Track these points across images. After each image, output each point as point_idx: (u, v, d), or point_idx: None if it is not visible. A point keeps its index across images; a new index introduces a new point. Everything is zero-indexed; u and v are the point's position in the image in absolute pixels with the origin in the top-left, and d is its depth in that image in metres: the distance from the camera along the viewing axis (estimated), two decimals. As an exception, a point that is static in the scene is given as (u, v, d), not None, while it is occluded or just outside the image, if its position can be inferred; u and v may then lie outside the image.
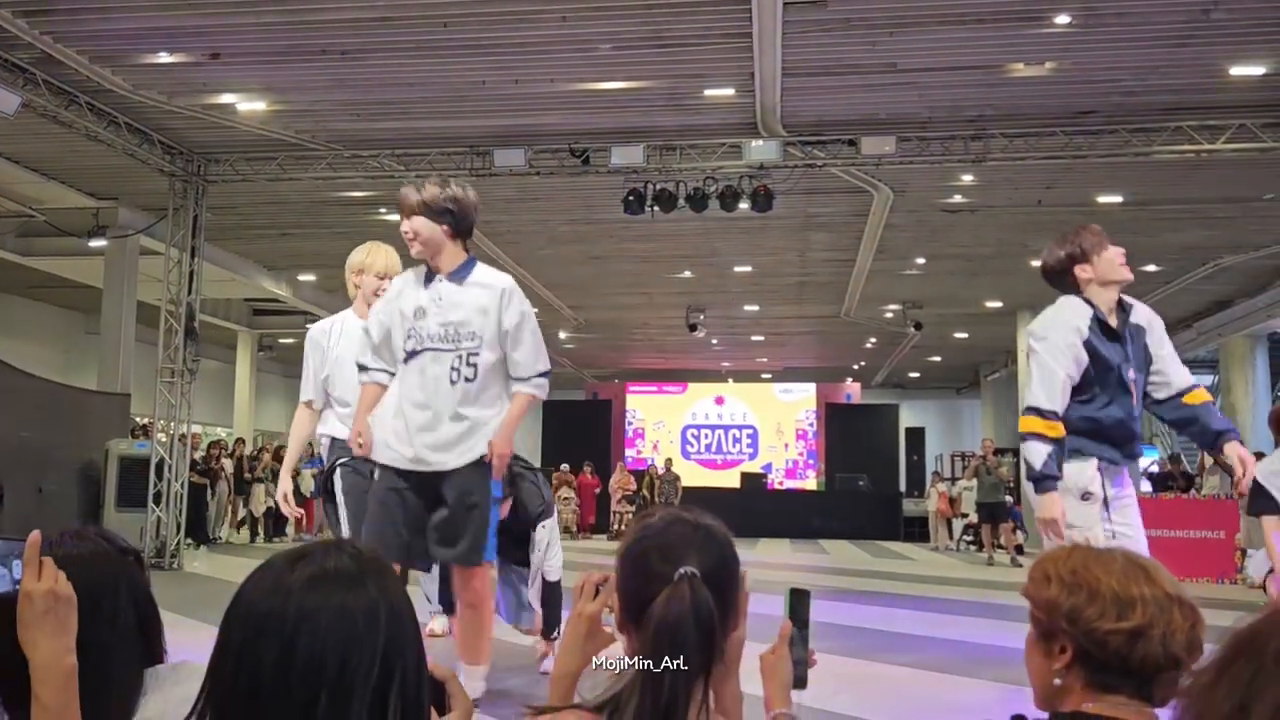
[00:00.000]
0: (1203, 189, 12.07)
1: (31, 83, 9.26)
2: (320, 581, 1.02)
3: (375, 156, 11.33)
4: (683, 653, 1.32)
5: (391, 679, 1.00)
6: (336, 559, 1.04)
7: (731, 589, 1.44)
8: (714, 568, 1.41)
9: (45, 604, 1.30)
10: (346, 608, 1.00)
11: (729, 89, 9.66)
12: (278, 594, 1.01)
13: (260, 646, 0.99)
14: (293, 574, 1.02)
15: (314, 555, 1.05)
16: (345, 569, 1.03)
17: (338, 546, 1.06)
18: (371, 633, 1.00)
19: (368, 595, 1.02)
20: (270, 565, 1.06)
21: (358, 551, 1.06)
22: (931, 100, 9.88)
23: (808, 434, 28.14)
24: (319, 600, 1.00)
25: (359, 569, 1.04)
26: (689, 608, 1.34)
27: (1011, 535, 15.49)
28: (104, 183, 12.69)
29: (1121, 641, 1.37)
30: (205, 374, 14.29)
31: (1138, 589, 1.40)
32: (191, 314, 12.20)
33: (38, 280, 16.60)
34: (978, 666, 5.71)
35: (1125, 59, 8.91)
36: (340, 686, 0.97)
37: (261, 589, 1.02)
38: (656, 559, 1.41)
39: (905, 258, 15.64)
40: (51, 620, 1.30)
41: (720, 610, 1.38)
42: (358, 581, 1.03)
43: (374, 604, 1.02)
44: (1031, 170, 11.36)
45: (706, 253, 15.60)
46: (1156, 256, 15.34)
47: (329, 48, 8.75)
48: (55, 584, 1.31)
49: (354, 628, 0.99)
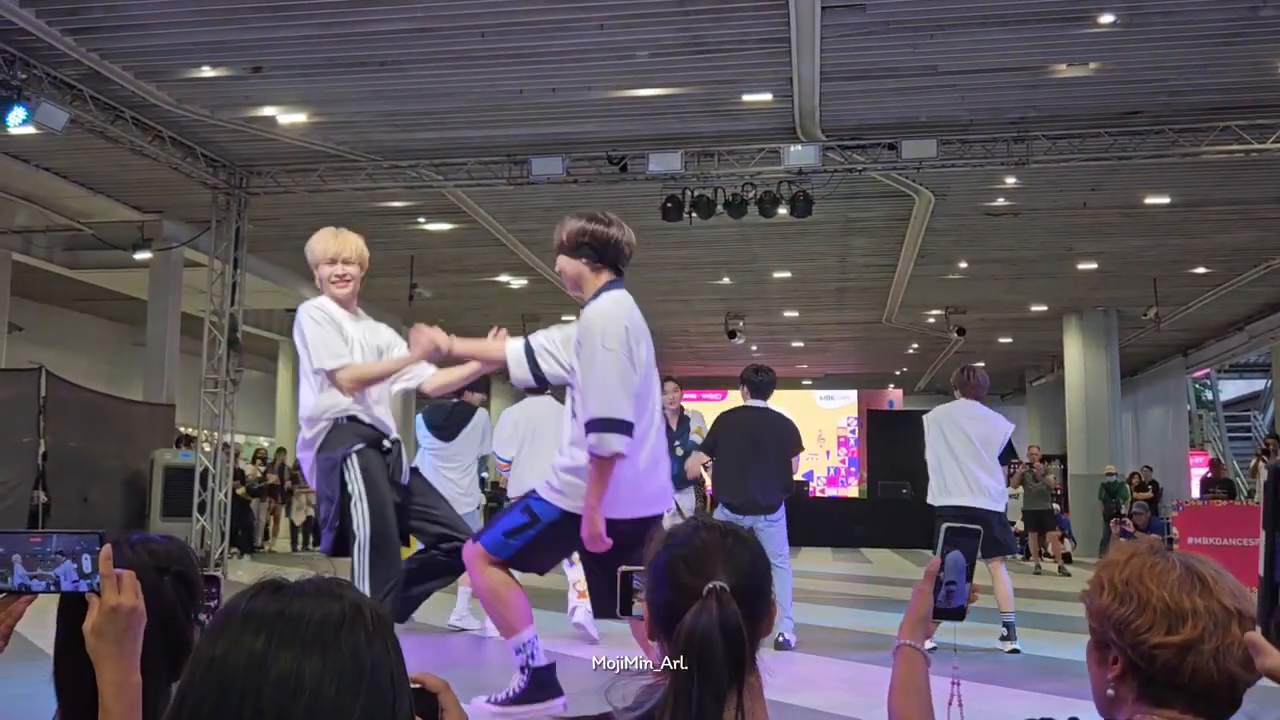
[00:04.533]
0: (1252, 189, 11.83)
1: (79, 99, 9.41)
2: (288, 646, 0.89)
3: (414, 166, 11.39)
4: (712, 667, 1.30)
5: None
6: (303, 604, 0.92)
7: (762, 599, 1.43)
8: (743, 578, 1.39)
9: (128, 620, 1.29)
10: (321, 687, 0.88)
11: (767, 94, 9.61)
12: (240, 659, 0.89)
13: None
14: (255, 637, 0.90)
15: (276, 606, 0.92)
16: (314, 621, 0.91)
17: (304, 592, 0.94)
18: (353, 705, 0.89)
19: (345, 656, 0.90)
20: (229, 622, 0.92)
21: (336, 593, 0.93)
22: (973, 102, 9.76)
23: (849, 441, 27.93)
24: (289, 677, 0.88)
25: (331, 617, 0.91)
26: (716, 623, 1.33)
27: (1059, 544, 15.24)
28: (149, 196, 12.88)
29: (1170, 655, 1.32)
30: (248, 384, 14.46)
31: (1190, 601, 1.34)
32: (234, 325, 12.34)
33: (85, 293, 16.89)
34: (1026, 678, 5.60)
35: (1172, 58, 8.74)
36: None
37: (223, 656, 0.90)
38: (684, 570, 1.39)
39: (947, 262, 15.47)
40: (130, 637, 1.29)
41: (750, 623, 1.36)
42: (333, 635, 0.90)
43: (353, 666, 0.90)
44: (1076, 172, 11.19)
45: (745, 259, 15.53)
46: (1206, 259, 15.06)
47: (368, 59, 8.82)
48: (137, 599, 1.30)
49: (329, 711, 0.88)
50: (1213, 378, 28.40)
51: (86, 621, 1.29)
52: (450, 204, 12.79)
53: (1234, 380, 30.66)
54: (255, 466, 16.73)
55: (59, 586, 1.32)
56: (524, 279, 16.95)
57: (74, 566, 1.31)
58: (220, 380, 12.32)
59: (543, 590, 7.53)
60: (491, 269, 16.42)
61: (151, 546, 1.52)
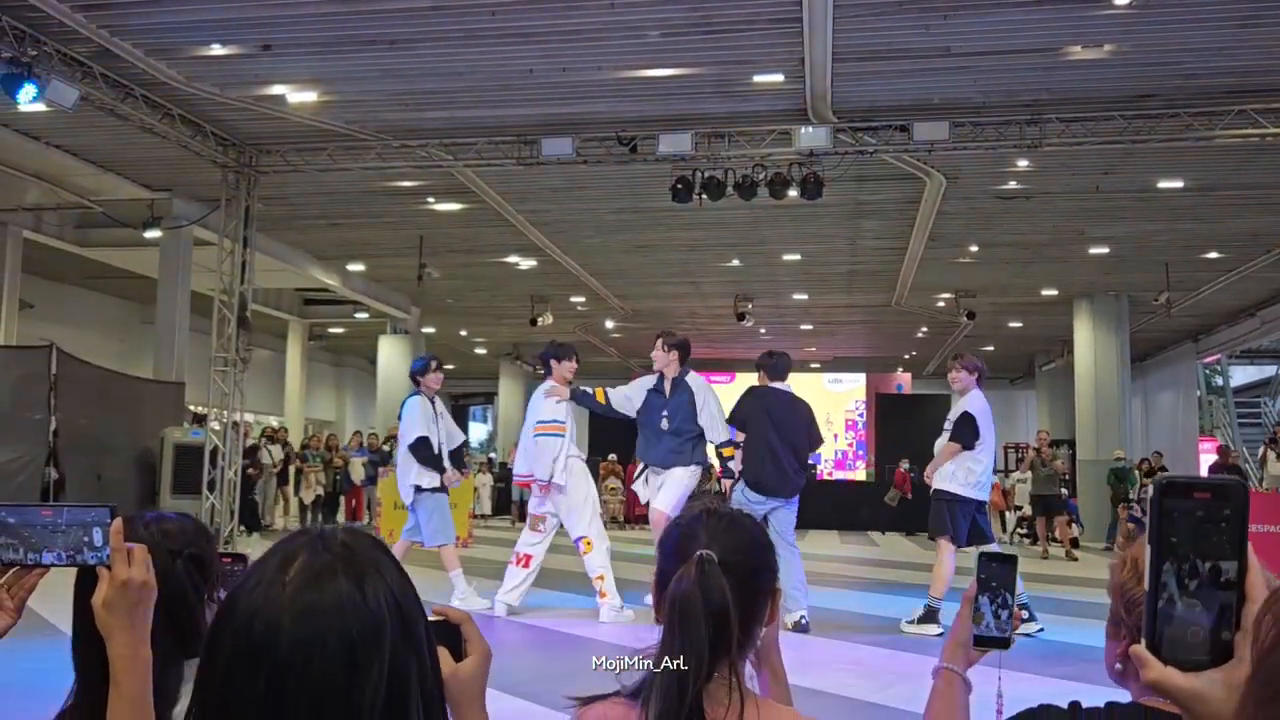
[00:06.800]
0: (1266, 173, 11.74)
1: (89, 76, 9.40)
2: (313, 588, 0.92)
3: (424, 146, 11.36)
4: (692, 627, 1.33)
5: (408, 679, 0.93)
6: (325, 557, 0.94)
7: (759, 579, 1.44)
8: (736, 554, 1.41)
9: (139, 595, 1.29)
10: (346, 623, 0.91)
11: (778, 75, 9.55)
12: (269, 610, 0.91)
13: (249, 673, 0.89)
14: (284, 584, 0.92)
15: (303, 556, 0.94)
16: (337, 568, 0.93)
17: (324, 543, 0.96)
18: (378, 644, 0.92)
19: (367, 599, 0.92)
20: (260, 572, 0.95)
21: (347, 547, 0.96)
22: (986, 84, 9.69)
23: (857, 425, 27.90)
24: (315, 620, 0.90)
25: (353, 565, 0.94)
26: (696, 584, 1.35)
27: (1067, 528, 15.22)
28: (159, 174, 12.88)
29: None
30: (257, 363, 14.50)
31: None
32: (244, 303, 12.35)
33: (95, 271, 16.92)
34: (1035, 662, 5.60)
35: (1187, 40, 8.66)
36: (348, 710, 0.89)
37: (252, 603, 0.92)
38: (680, 542, 1.44)
39: (958, 245, 15.41)
40: (141, 611, 1.29)
41: (743, 599, 1.38)
42: (355, 581, 0.93)
43: (376, 609, 0.93)
44: (1089, 155, 11.11)
45: (755, 241, 15.49)
46: (1218, 244, 14.97)
47: (378, 38, 8.78)
48: (148, 574, 1.30)
49: (353, 649, 0.90)
50: (1223, 363, 28.27)
51: (96, 595, 1.29)
52: (459, 184, 12.77)
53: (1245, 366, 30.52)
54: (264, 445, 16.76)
55: (70, 560, 1.32)
56: (533, 260, 16.93)
57: (85, 540, 1.31)
58: (230, 359, 12.35)
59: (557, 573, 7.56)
60: (501, 249, 16.40)
61: (165, 526, 1.51)
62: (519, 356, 27.64)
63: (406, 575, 0.99)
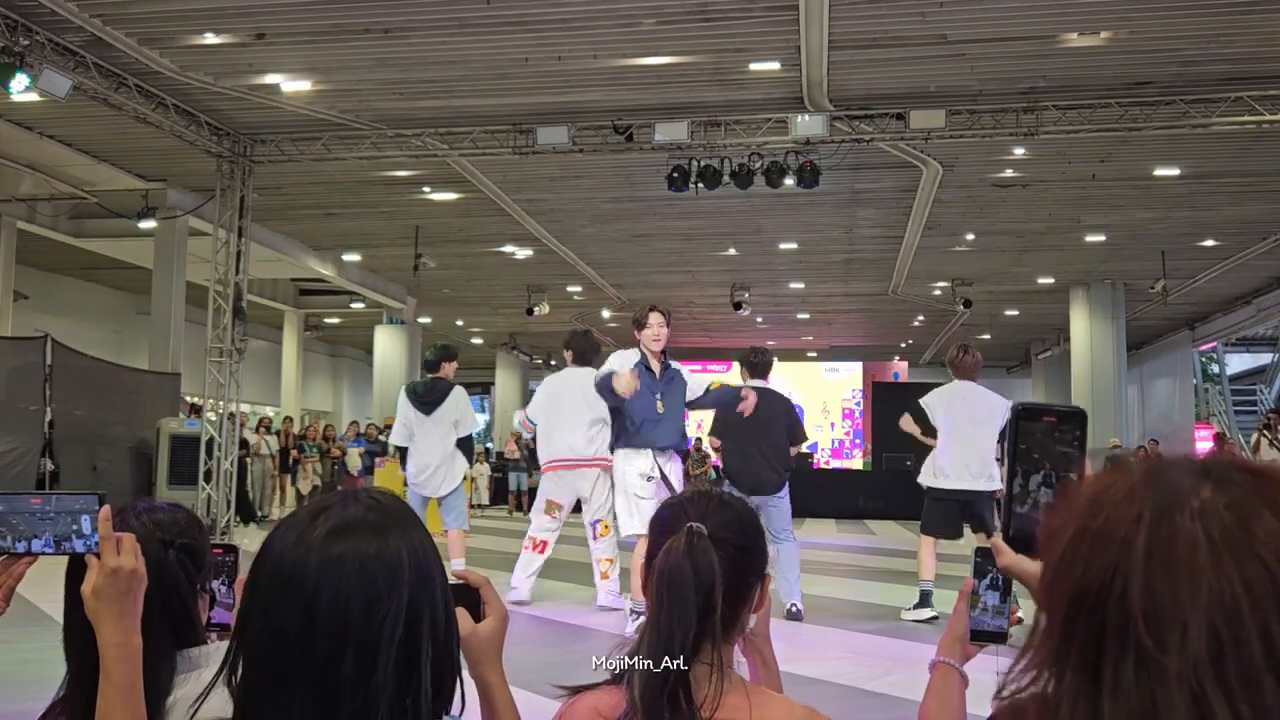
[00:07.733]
0: (1263, 161, 11.73)
1: (82, 66, 9.36)
2: (341, 535, 1.01)
3: (419, 135, 11.33)
4: (679, 595, 1.33)
5: (419, 625, 1.01)
6: (356, 509, 1.04)
7: (749, 558, 1.45)
8: (726, 531, 1.42)
9: (129, 583, 1.28)
10: (368, 561, 1.00)
11: (774, 63, 9.52)
12: (300, 548, 1.01)
13: (283, 602, 0.99)
14: (314, 529, 1.02)
15: (335, 507, 1.04)
16: (366, 519, 1.03)
17: (356, 497, 1.06)
18: (395, 584, 1.00)
19: (390, 546, 1.02)
20: (293, 520, 1.05)
21: (376, 502, 1.05)
22: (982, 72, 9.67)
23: (854, 413, 27.94)
24: (340, 554, 1.00)
25: (380, 518, 1.03)
26: (685, 555, 1.36)
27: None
28: (153, 164, 12.83)
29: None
30: (253, 353, 14.48)
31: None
32: (239, 294, 12.33)
33: (90, 261, 16.87)
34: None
35: (1184, 27, 8.64)
36: (365, 640, 0.98)
37: (285, 544, 1.02)
38: (672, 521, 1.45)
39: (954, 234, 15.41)
40: (130, 600, 1.28)
41: (731, 574, 1.38)
42: (379, 531, 1.02)
43: (396, 554, 1.01)
44: (1085, 143, 11.10)
45: (751, 230, 15.48)
46: (1214, 231, 14.98)
47: (372, 26, 8.74)
48: (137, 562, 1.29)
49: (375, 583, 0.99)
50: (1219, 351, 28.34)
51: (85, 583, 1.28)
52: (455, 173, 12.74)
53: (1240, 354, 30.60)
54: (261, 436, 16.75)
55: (59, 548, 1.31)
56: (529, 249, 16.90)
57: (74, 528, 1.31)
58: (225, 349, 12.33)
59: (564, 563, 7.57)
60: (497, 239, 16.37)
61: (157, 516, 1.50)
62: (515, 346, 27.63)
63: (430, 537, 1.07)
